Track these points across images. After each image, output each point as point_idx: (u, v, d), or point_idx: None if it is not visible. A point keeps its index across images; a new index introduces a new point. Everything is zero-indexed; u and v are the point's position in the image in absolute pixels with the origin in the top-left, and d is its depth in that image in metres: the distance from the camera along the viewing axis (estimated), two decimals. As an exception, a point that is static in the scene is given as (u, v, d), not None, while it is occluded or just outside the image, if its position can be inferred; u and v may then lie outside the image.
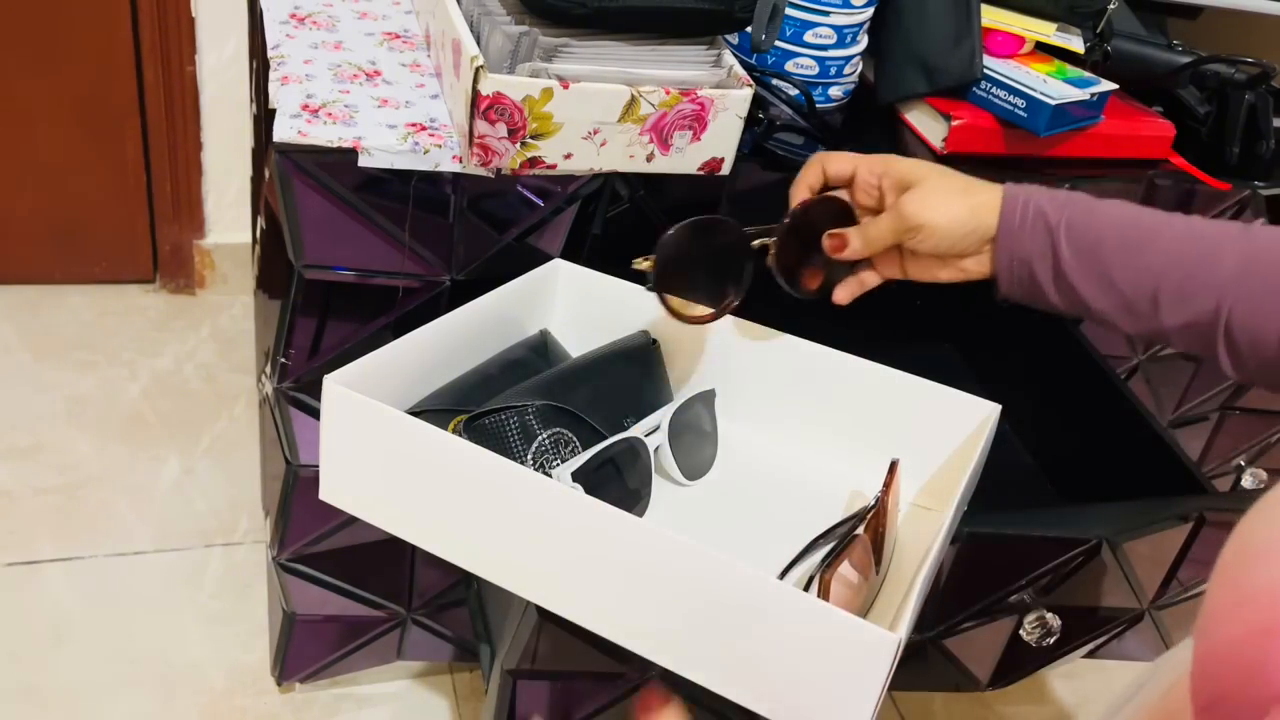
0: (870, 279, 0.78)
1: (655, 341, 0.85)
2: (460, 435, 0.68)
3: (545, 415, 0.72)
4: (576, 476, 0.69)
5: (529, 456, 0.71)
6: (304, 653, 1.23)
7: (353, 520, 0.69)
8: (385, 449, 0.65)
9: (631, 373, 0.82)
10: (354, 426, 0.66)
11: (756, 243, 0.76)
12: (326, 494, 0.70)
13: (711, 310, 0.78)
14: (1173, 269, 0.66)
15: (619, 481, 0.73)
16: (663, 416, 0.77)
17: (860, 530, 0.68)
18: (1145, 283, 0.67)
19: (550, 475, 0.67)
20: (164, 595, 1.40)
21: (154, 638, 1.35)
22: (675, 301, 0.76)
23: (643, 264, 0.74)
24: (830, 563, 0.63)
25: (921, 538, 0.75)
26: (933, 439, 0.79)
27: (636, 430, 0.75)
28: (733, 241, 0.76)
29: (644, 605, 0.60)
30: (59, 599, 1.37)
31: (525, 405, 0.71)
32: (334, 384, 0.65)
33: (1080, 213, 0.69)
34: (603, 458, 0.71)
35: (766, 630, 0.57)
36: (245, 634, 1.37)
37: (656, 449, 0.76)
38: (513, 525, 0.63)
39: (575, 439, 0.74)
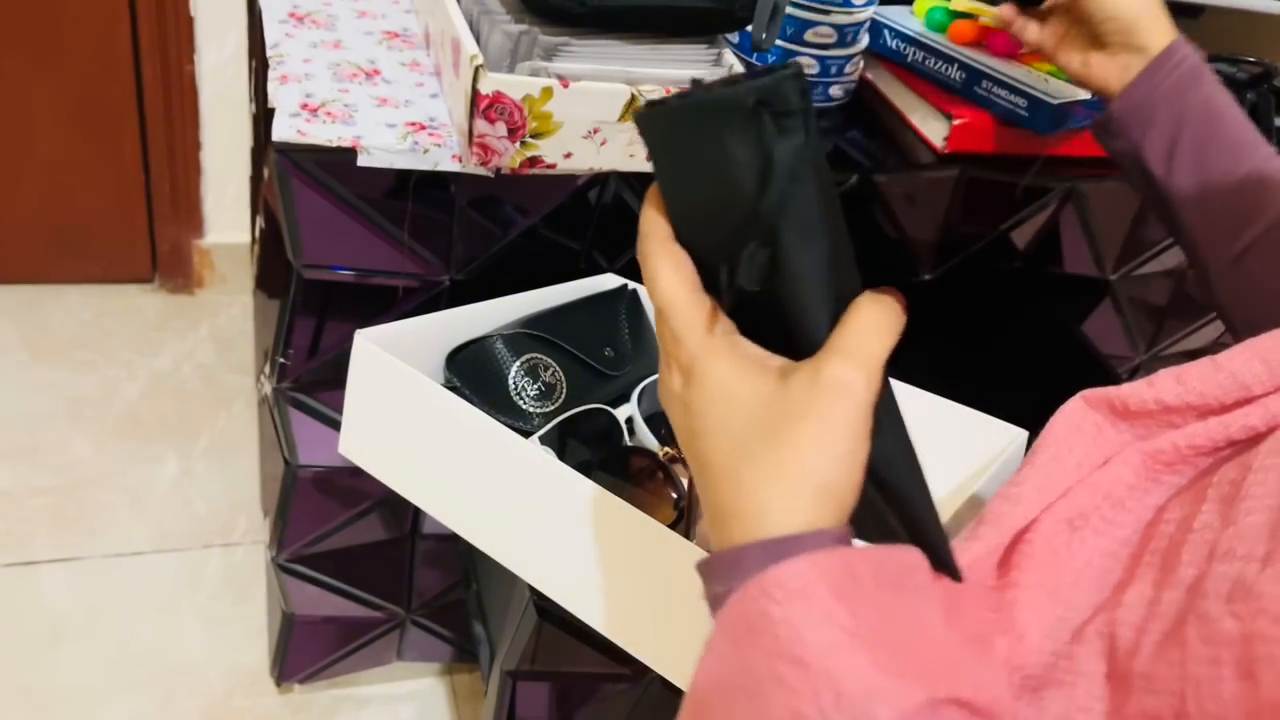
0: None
1: (630, 286, 0.88)
2: (452, 363, 0.75)
3: (520, 342, 0.78)
4: (545, 440, 0.73)
5: (509, 380, 0.76)
6: (303, 653, 1.23)
7: (352, 520, 0.69)
8: (400, 408, 0.67)
9: (610, 312, 0.87)
10: (375, 383, 0.68)
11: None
12: (344, 449, 0.72)
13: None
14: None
15: (589, 448, 0.76)
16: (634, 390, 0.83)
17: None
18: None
19: (528, 398, 0.74)
20: (162, 596, 1.40)
21: (153, 638, 1.35)
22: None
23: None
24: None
25: None
26: (953, 461, 0.75)
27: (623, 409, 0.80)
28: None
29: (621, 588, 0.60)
30: (57, 600, 1.37)
31: (499, 334, 0.77)
32: (363, 339, 0.67)
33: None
34: (569, 423, 0.75)
35: None
36: (244, 635, 1.36)
37: (628, 419, 0.80)
38: (504, 493, 0.64)
39: (554, 364, 0.79)
